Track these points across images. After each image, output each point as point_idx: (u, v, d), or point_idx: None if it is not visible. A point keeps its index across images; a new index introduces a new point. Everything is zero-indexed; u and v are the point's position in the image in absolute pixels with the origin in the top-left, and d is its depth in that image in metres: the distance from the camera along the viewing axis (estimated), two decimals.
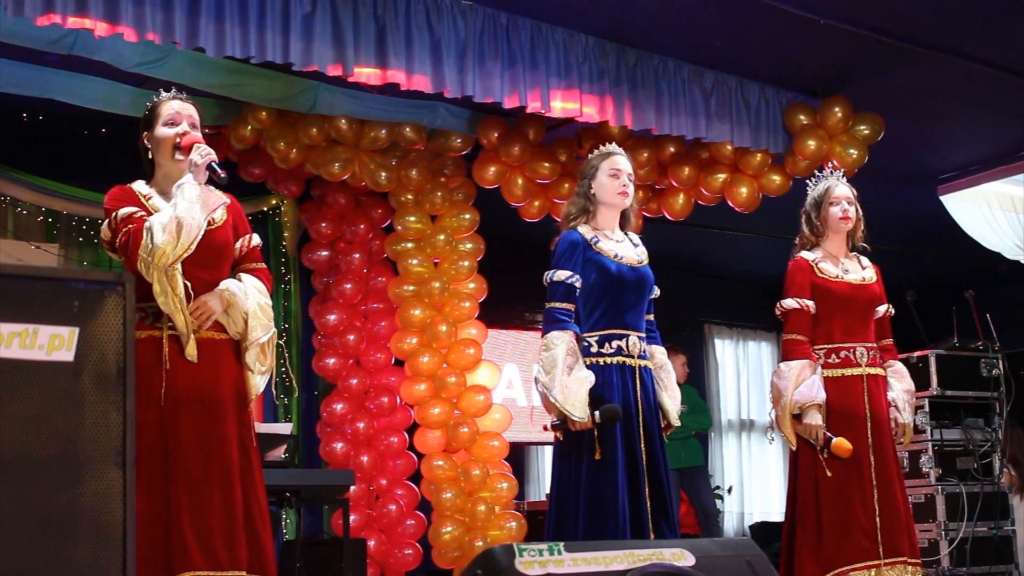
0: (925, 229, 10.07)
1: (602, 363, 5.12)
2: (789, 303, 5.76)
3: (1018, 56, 7.86)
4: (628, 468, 5.03)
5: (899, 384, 5.81)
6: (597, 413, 4.95)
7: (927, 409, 8.56)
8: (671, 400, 5.39)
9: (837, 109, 8.17)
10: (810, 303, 5.73)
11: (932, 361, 8.62)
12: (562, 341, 5.03)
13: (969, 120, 9.02)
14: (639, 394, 5.14)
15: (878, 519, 5.53)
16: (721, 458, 13.41)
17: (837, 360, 5.71)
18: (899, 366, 5.90)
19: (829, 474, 5.55)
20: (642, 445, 5.09)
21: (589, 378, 4.99)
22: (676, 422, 5.40)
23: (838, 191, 5.82)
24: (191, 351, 4.34)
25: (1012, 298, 11.42)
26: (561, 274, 5.15)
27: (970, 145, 9.58)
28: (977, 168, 9.88)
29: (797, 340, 5.72)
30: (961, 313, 9.02)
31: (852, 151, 8.16)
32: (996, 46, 7.72)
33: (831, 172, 5.97)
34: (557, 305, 5.13)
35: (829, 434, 5.56)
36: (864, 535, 5.49)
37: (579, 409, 4.93)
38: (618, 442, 5.03)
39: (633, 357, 5.17)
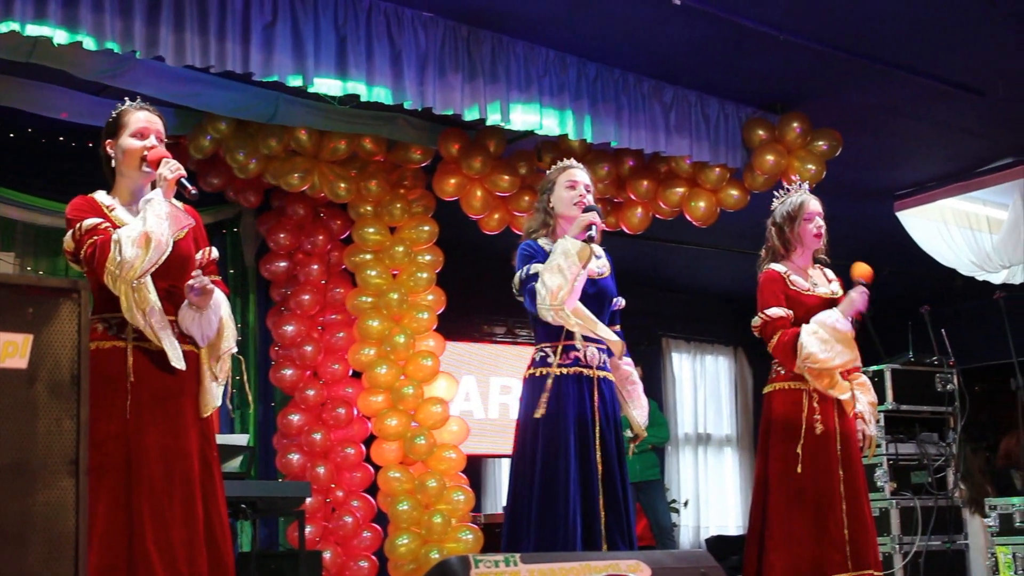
0: (881, 245, 10.12)
1: (559, 373, 5.12)
2: (775, 312, 5.70)
3: (974, 74, 7.93)
4: (582, 480, 5.03)
5: (865, 397, 5.84)
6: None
7: (882, 423, 8.60)
8: (638, 412, 5.41)
9: (796, 125, 8.22)
10: (791, 313, 5.72)
11: (888, 376, 8.66)
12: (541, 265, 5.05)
13: (926, 137, 9.09)
14: (596, 405, 5.14)
15: (846, 531, 5.55)
16: (677, 472, 13.44)
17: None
18: (864, 379, 5.92)
19: (799, 470, 5.55)
20: (598, 457, 5.09)
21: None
22: (644, 433, 5.43)
23: (812, 206, 5.83)
24: (176, 360, 4.32)
25: (967, 314, 11.51)
26: (533, 268, 5.12)
27: (927, 162, 9.66)
28: (933, 185, 9.96)
29: (785, 331, 5.68)
30: (917, 328, 9.07)
31: (810, 166, 8.20)
32: (953, 64, 7.78)
33: (800, 186, 5.97)
34: (528, 286, 5.10)
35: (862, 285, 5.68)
36: (835, 547, 5.52)
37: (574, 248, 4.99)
38: (571, 453, 5.02)
39: (592, 368, 5.17)
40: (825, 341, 5.56)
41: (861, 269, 5.76)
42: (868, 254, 5.73)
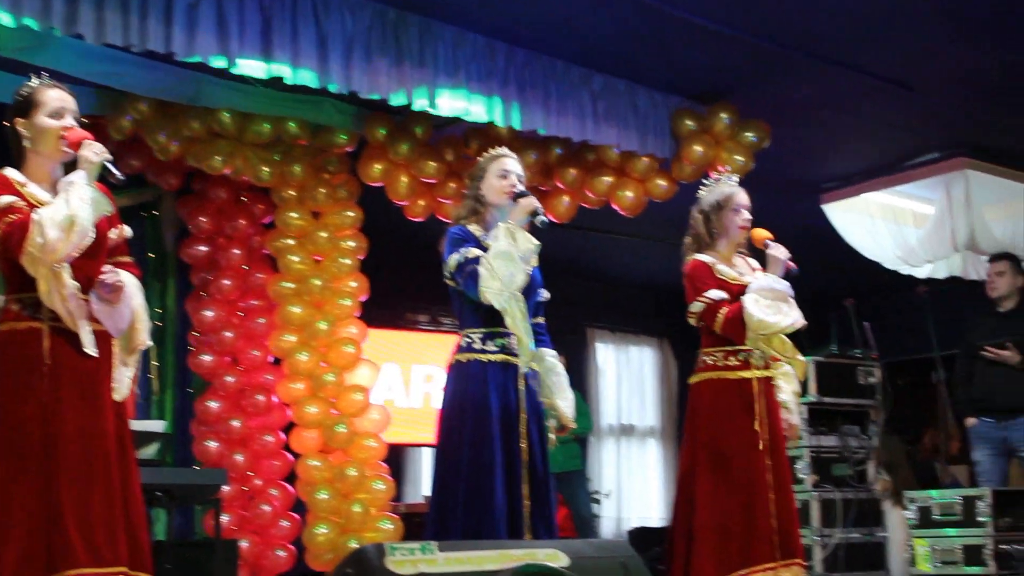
0: (807, 238, 10.15)
1: (485, 360, 5.16)
2: (716, 294, 5.71)
3: (903, 69, 8.04)
4: (506, 468, 5.08)
5: (788, 386, 5.90)
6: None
7: (805, 415, 8.68)
8: (564, 402, 5.46)
9: (724, 115, 8.30)
10: (728, 296, 5.74)
11: (811, 368, 8.74)
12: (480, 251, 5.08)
13: (854, 131, 9.21)
14: (522, 394, 5.19)
15: (774, 521, 5.60)
16: (600, 463, 13.50)
17: (736, 363, 5.75)
18: (787, 368, 5.97)
19: (760, 447, 5.61)
20: (523, 444, 5.14)
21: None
22: (572, 424, 5.48)
23: (741, 198, 5.87)
24: (89, 346, 4.31)
25: (890, 308, 11.65)
26: (471, 251, 5.13)
27: (854, 156, 9.78)
28: (860, 178, 10.08)
29: (729, 308, 5.69)
30: (840, 321, 9.20)
31: (738, 158, 8.29)
32: (882, 58, 7.89)
33: (729, 176, 6.02)
34: (469, 267, 5.10)
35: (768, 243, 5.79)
36: (763, 537, 5.56)
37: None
38: (496, 442, 5.07)
39: (517, 356, 5.22)
40: (770, 305, 5.61)
41: (761, 232, 5.85)
42: (793, 246, 5.79)
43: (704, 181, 6.08)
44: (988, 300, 8.55)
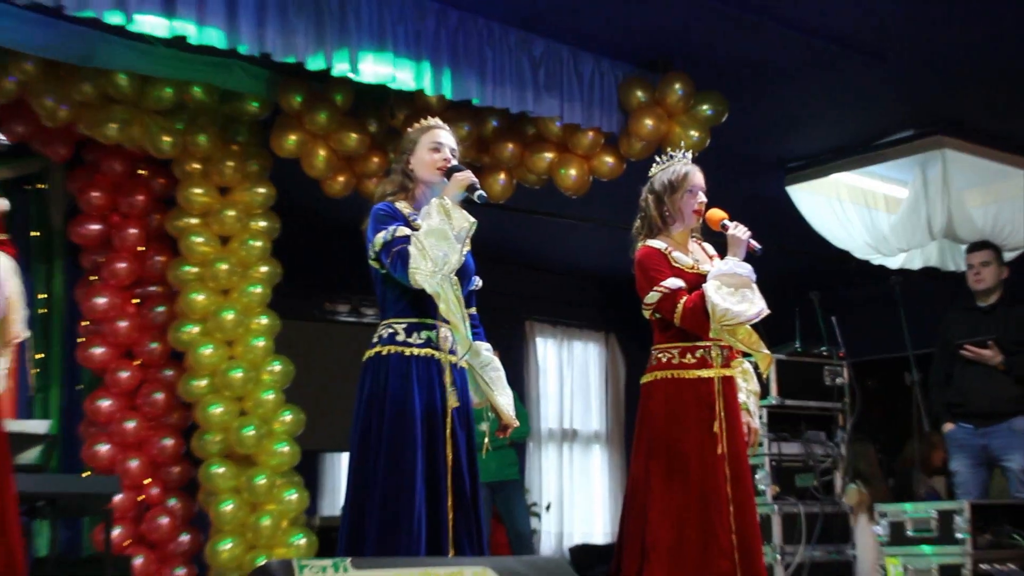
0: (768, 222, 10.23)
1: (408, 354, 5.16)
2: (673, 283, 5.72)
3: (873, 35, 8.10)
4: (428, 476, 5.08)
5: (747, 384, 5.95)
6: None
7: (765, 420, 8.74)
8: (504, 398, 5.48)
9: (678, 86, 8.32)
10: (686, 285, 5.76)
11: (772, 367, 8.78)
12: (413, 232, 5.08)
13: (820, 104, 9.28)
14: (449, 393, 5.21)
15: (734, 536, 5.63)
16: (539, 472, 13.54)
17: (693, 360, 5.80)
18: (747, 365, 6.01)
19: (720, 451, 5.65)
20: (448, 451, 5.15)
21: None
22: (515, 422, 5.50)
23: (696, 179, 5.91)
24: None
25: (860, 301, 11.77)
26: (400, 230, 5.13)
27: (820, 132, 9.86)
28: (827, 157, 10.16)
29: (688, 298, 5.71)
30: (805, 315, 9.26)
31: (693, 133, 8.32)
32: (852, 23, 7.94)
33: (684, 155, 6.03)
34: (397, 247, 5.09)
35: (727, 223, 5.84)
36: (723, 554, 5.59)
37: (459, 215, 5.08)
38: (418, 446, 5.07)
39: (443, 352, 5.24)
40: (734, 292, 5.63)
41: (717, 213, 5.89)
42: (754, 231, 5.84)
43: (656, 159, 6.10)
44: (967, 293, 8.57)
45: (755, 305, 5.67)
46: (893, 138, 9.78)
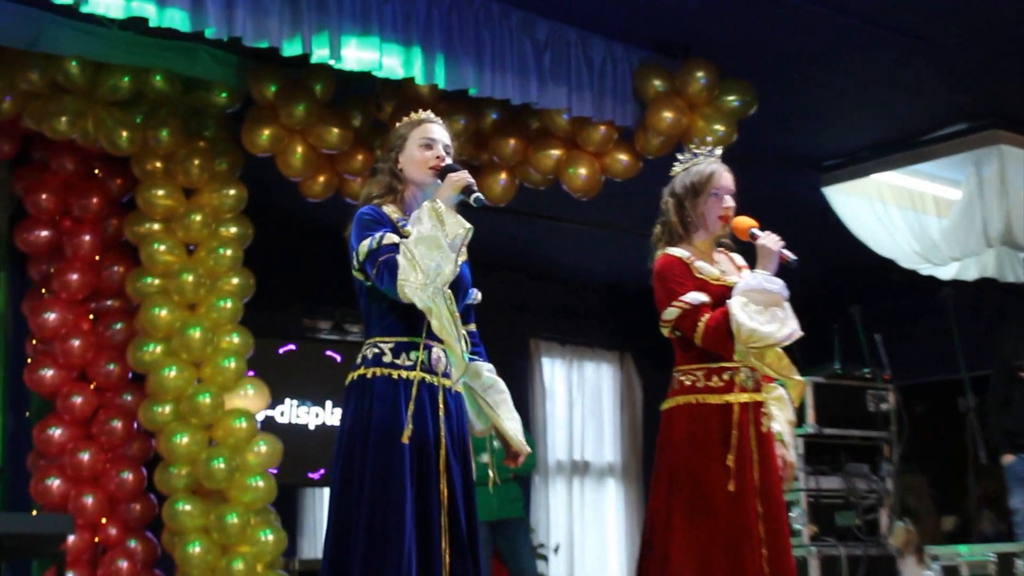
0: (803, 228, 10.22)
1: (396, 377, 5.11)
2: (695, 297, 5.66)
3: (920, 16, 8.06)
4: (419, 513, 5.03)
5: (782, 413, 5.90)
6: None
7: (801, 451, 8.71)
8: (512, 423, 5.43)
9: (700, 74, 8.31)
10: (710, 299, 5.70)
11: (808, 391, 8.76)
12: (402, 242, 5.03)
13: (860, 95, 9.25)
14: (442, 421, 5.16)
15: None
16: (546, 509, 13.50)
17: (719, 383, 5.73)
18: (781, 391, 5.95)
19: (732, 487, 5.61)
20: (442, 485, 5.10)
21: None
22: (526, 448, 5.45)
23: (724, 180, 5.84)
24: None
25: (907, 316, 11.75)
26: (375, 236, 5.09)
27: (860, 126, 9.83)
28: (868, 155, 10.14)
29: (711, 316, 5.65)
30: (844, 333, 9.23)
31: (717, 126, 8.31)
32: (893, 3, 7.92)
33: (711, 151, 5.98)
34: (384, 256, 5.06)
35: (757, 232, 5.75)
36: None
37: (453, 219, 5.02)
38: (407, 480, 5.02)
39: (437, 375, 5.18)
40: (762, 311, 5.55)
41: (745, 221, 5.82)
42: (787, 240, 5.79)
43: (678, 156, 6.06)
44: None
45: (786, 326, 5.60)
46: (943, 132, 9.75)
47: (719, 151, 6.00)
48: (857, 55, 8.58)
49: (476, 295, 5.48)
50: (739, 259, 5.99)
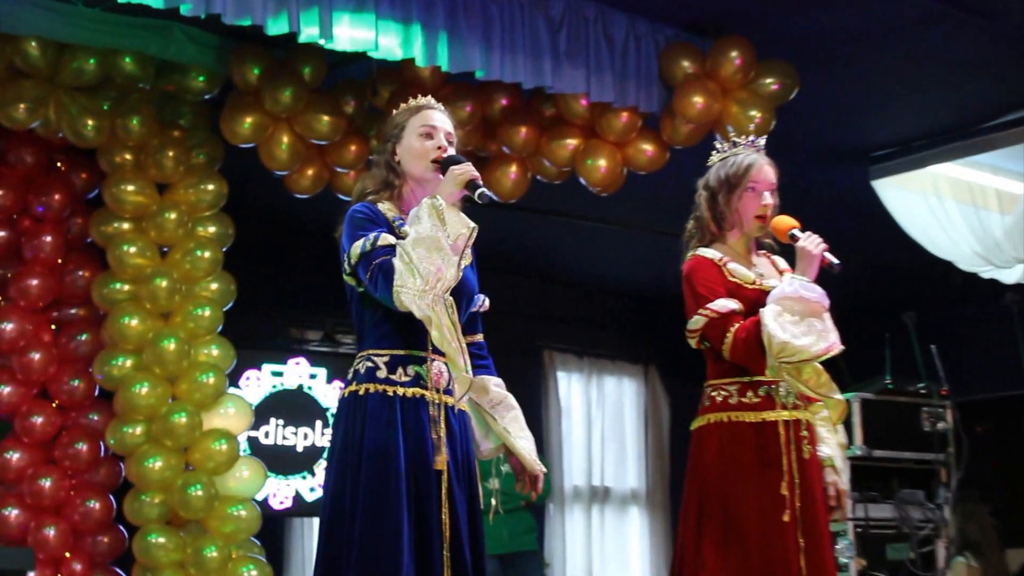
0: (849, 226, 10.28)
1: (391, 393, 5.11)
2: (722, 304, 5.67)
3: None
4: (418, 546, 5.02)
5: (832, 436, 5.88)
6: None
7: (848, 475, 8.71)
8: (525, 441, 5.42)
9: (734, 54, 8.31)
10: (741, 306, 5.70)
11: (856, 409, 8.76)
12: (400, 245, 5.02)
13: (914, 77, 9.25)
14: (443, 443, 5.15)
15: None
16: (562, 540, 13.52)
17: (755, 399, 5.74)
18: (827, 412, 5.99)
19: (786, 518, 5.58)
20: (444, 515, 5.10)
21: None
22: (541, 468, 5.43)
23: (763, 173, 5.83)
24: None
25: (967, 325, 11.74)
26: (369, 237, 5.09)
27: (914, 112, 9.82)
28: (924, 144, 10.13)
29: (740, 326, 5.66)
30: (897, 343, 9.22)
31: (753, 113, 8.31)
32: None
33: (752, 140, 5.98)
34: (378, 260, 5.05)
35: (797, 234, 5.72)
36: None
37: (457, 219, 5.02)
38: (403, 510, 5.01)
39: (439, 391, 5.18)
40: (798, 321, 5.54)
41: (785, 221, 5.79)
42: (831, 238, 5.79)
43: (716, 145, 6.06)
44: None
45: (823, 339, 5.57)
46: (1007, 119, 9.74)
47: (762, 141, 5.99)
48: (911, 32, 8.57)
49: (483, 302, 5.47)
50: (782, 262, 5.98)
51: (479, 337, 5.48)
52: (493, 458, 5.56)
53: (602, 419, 14.13)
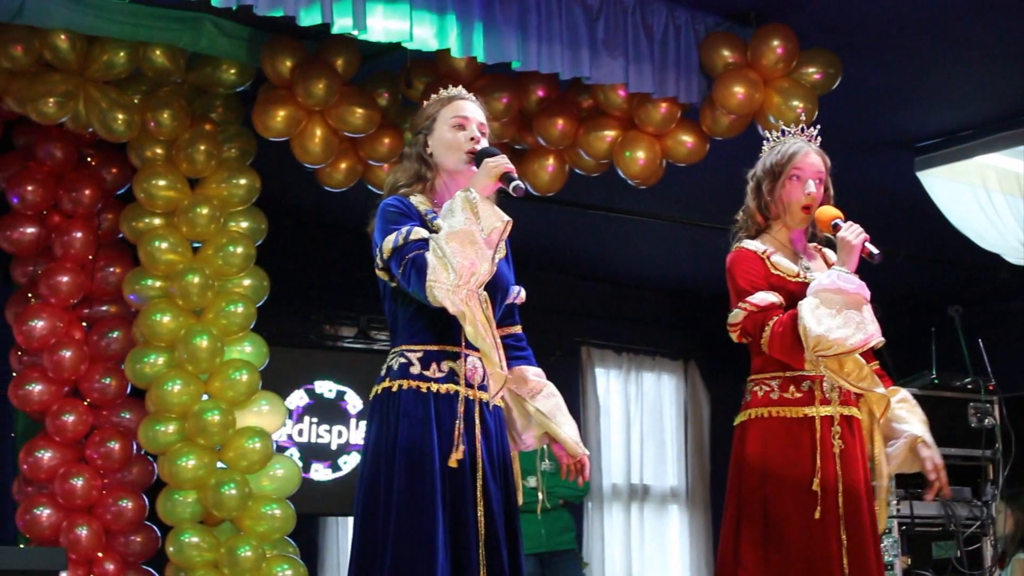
0: (894, 219, 10.24)
1: (425, 390, 5.09)
2: (762, 298, 5.66)
3: None
4: (453, 546, 4.99)
5: (913, 414, 5.92)
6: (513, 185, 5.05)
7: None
8: (568, 427, 5.39)
9: (776, 43, 8.27)
10: (782, 300, 5.67)
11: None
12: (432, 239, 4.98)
13: (959, 65, 9.19)
14: (478, 439, 5.12)
15: None
16: (601, 540, 13.49)
17: (798, 394, 5.72)
18: (904, 392, 5.97)
19: (817, 515, 5.55)
20: (479, 513, 5.07)
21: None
22: (583, 451, 5.40)
23: (807, 161, 5.80)
24: None
25: (1014, 317, 11.67)
26: (402, 231, 5.05)
27: (961, 101, 9.76)
28: (970, 134, 10.06)
29: (779, 319, 5.63)
30: (943, 338, 9.18)
31: (795, 103, 8.26)
32: None
33: (801, 129, 5.94)
34: (411, 254, 5.01)
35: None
36: None
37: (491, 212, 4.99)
38: (438, 508, 4.98)
39: (473, 387, 5.14)
40: (835, 314, 5.49)
41: (828, 211, 5.74)
42: (876, 231, 5.74)
43: (767, 135, 6.03)
44: None
45: (861, 331, 5.51)
46: None
47: (813, 131, 5.95)
48: (957, 20, 8.52)
49: (519, 293, 5.45)
50: (832, 256, 5.92)
51: (517, 328, 5.47)
52: (536, 450, 5.52)
53: (641, 416, 14.08)
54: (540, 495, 5.49)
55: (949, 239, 10.36)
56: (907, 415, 5.85)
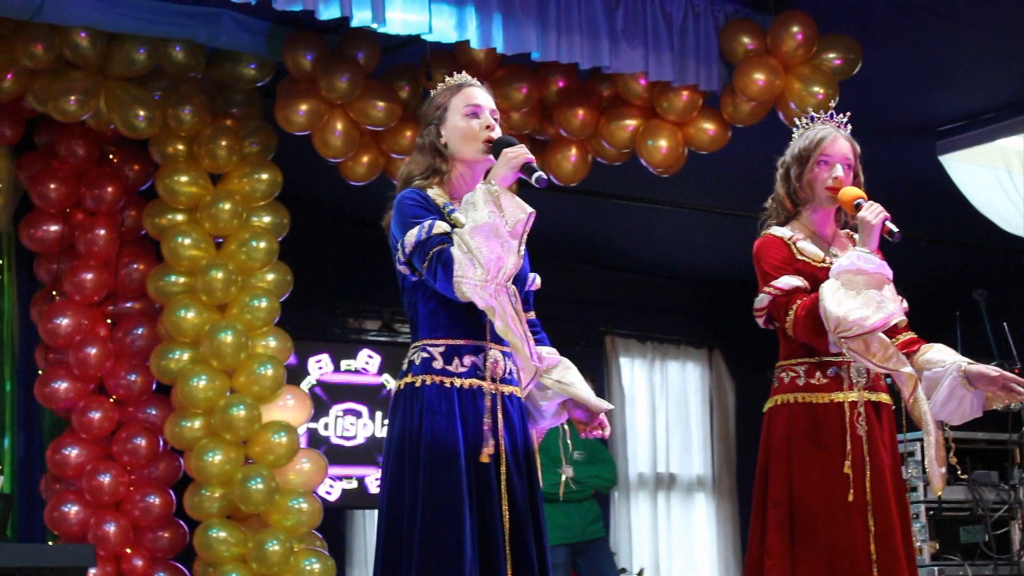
0: (917, 202, 10.22)
1: (448, 385, 5.06)
2: (787, 282, 5.64)
3: None
4: (480, 540, 4.98)
5: (943, 353, 5.86)
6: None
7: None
8: (584, 391, 5.33)
9: (796, 29, 8.27)
10: (807, 284, 5.65)
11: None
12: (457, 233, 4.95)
13: (983, 48, 9.16)
14: (502, 433, 5.10)
15: None
16: (628, 529, 13.48)
17: (824, 379, 5.70)
18: (937, 345, 5.93)
19: (850, 498, 5.54)
20: (504, 507, 5.05)
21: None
22: (606, 405, 5.35)
23: (835, 146, 5.79)
24: None
25: None
26: (424, 226, 5.02)
27: (982, 85, 9.73)
28: (992, 117, 10.04)
29: (802, 303, 5.60)
30: (968, 321, 9.15)
31: (816, 89, 8.25)
32: None
33: (830, 116, 5.92)
34: (435, 249, 4.98)
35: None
36: None
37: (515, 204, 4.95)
38: (465, 500, 4.96)
39: (495, 381, 5.12)
40: (855, 295, 5.46)
41: (851, 191, 5.69)
42: (899, 215, 5.73)
43: (796, 122, 6.01)
44: None
45: (881, 310, 5.49)
46: None
47: (843, 117, 5.92)
48: (977, 2, 8.50)
49: (535, 279, 5.42)
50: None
51: (532, 315, 5.42)
52: (568, 442, 5.50)
53: (666, 405, 14.06)
54: (563, 476, 5.45)
55: (972, 223, 10.34)
56: (937, 356, 5.81)
